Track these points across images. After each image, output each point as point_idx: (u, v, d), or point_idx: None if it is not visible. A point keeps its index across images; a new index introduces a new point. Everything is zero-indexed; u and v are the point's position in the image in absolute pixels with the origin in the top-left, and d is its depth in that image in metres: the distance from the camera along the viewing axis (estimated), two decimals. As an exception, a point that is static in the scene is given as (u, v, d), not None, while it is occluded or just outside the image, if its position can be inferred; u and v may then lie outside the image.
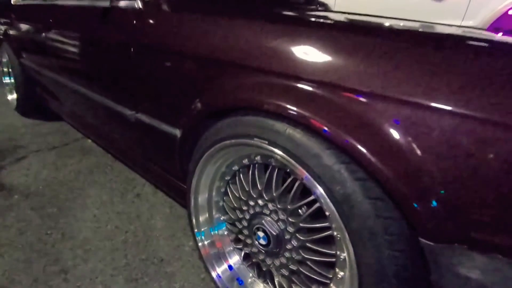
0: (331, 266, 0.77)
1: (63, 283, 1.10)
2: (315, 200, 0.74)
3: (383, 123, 0.59)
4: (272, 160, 0.82)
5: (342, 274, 0.75)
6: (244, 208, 0.93)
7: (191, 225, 1.08)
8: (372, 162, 0.59)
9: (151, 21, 1.09)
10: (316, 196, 0.71)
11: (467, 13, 2.63)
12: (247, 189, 0.90)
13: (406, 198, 0.57)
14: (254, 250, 0.95)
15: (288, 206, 0.80)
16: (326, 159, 0.65)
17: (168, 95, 1.07)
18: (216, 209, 1.05)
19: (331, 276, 0.77)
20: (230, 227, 1.03)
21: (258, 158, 0.86)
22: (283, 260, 0.86)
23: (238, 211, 0.96)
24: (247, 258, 1.03)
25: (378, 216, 0.61)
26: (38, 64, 2.05)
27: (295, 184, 0.78)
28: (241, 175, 0.93)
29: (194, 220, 1.06)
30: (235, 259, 1.05)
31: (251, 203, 0.90)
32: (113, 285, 1.10)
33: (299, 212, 0.80)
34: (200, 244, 1.07)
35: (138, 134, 1.27)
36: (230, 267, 1.04)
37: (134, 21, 1.13)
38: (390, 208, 0.61)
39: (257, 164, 0.87)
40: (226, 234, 1.06)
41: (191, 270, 1.17)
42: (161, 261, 1.21)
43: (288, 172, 0.80)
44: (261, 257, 0.93)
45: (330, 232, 0.74)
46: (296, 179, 0.78)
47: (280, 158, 0.75)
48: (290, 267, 0.85)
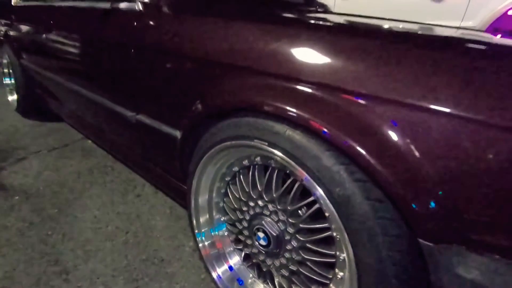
0: (330, 267, 0.78)
1: (64, 283, 1.10)
2: (314, 201, 0.75)
3: (381, 125, 0.59)
4: (272, 161, 0.82)
5: (341, 274, 0.75)
6: (244, 209, 0.93)
7: (192, 225, 1.08)
8: (371, 164, 0.60)
9: (151, 23, 1.09)
10: (316, 197, 0.72)
11: (467, 13, 2.63)
12: (247, 190, 0.91)
13: (404, 199, 0.58)
14: (254, 251, 0.95)
15: (288, 207, 0.81)
16: (325, 160, 0.66)
17: (169, 97, 1.08)
18: (217, 210, 1.05)
19: (330, 277, 0.78)
20: (231, 228, 1.04)
21: (258, 159, 0.86)
22: (283, 260, 0.87)
23: (238, 212, 0.97)
24: (247, 258, 1.03)
25: (377, 217, 0.61)
26: (39, 65, 2.05)
27: (295, 185, 0.79)
28: (241, 176, 0.93)
29: (194, 221, 1.07)
30: (235, 259, 1.06)
31: (251, 204, 0.91)
32: (113, 285, 1.10)
33: (299, 213, 0.81)
34: (200, 245, 1.07)
35: (138, 135, 1.27)
36: (231, 267, 1.05)
37: (135, 23, 1.14)
38: (389, 209, 0.62)
39: (257, 165, 0.88)
40: (227, 234, 1.06)
41: (192, 271, 1.17)
42: (161, 261, 1.21)
43: (288, 173, 0.80)
44: (261, 257, 0.94)
45: (329, 232, 0.74)
46: (296, 180, 0.78)
47: (280, 159, 0.75)
48: (290, 267, 0.86)
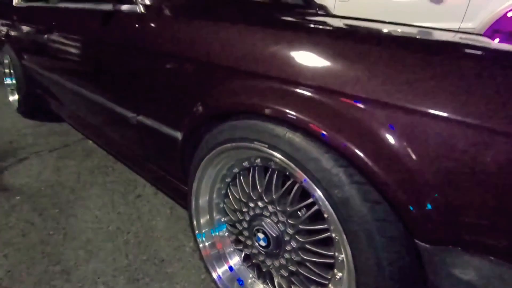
0: (329, 267, 0.79)
1: (65, 283, 1.11)
2: (314, 203, 0.76)
3: (380, 128, 0.60)
4: (272, 163, 0.83)
5: (340, 275, 0.76)
6: (244, 210, 0.94)
7: (192, 226, 1.09)
8: (369, 166, 0.60)
9: (153, 25, 1.11)
10: (315, 199, 0.73)
11: (466, 15, 2.64)
12: (247, 191, 0.92)
13: (402, 201, 0.59)
14: (254, 251, 0.96)
15: (288, 208, 0.82)
16: (324, 162, 0.67)
17: (170, 98, 1.09)
18: (217, 210, 1.06)
19: (329, 277, 0.79)
20: (231, 229, 1.05)
21: (258, 161, 0.87)
22: (282, 261, 0.88)
23: (238, 212, 0.97)
24: (247, 259, 1.04)
25: (375, 218, 0.62)
26: (40, 65, 2.06)
27: (294, 187, 0.80)
28: (241, 178, 0.94)
29: (195, 222, 1.07)
30: (235, 260, 1.06)
31: (251, 205, 0.91)
32: (114, 285, 1.11)
33: (298, 214, 0.81)
34: (200, 245, 1.08)
35: (139, 136, 1.28)
36: (231, 268, 1.06)
37: (136, 25, 1.15)
38: (386, 211, 0.63)
39: (257, 167, 0.89)
40: (227, 235, 1.07)
41: (192, 271, 1.18)
42: (162, 261, 1.22)
43: (287, 175, 0.81)
44: (261, 258, 0.95)
45: (328, 234, 0.75)
46: (295, 182, 0.79)
47: (279, 161, 0.76)
48: (289, 268, 0.87)
